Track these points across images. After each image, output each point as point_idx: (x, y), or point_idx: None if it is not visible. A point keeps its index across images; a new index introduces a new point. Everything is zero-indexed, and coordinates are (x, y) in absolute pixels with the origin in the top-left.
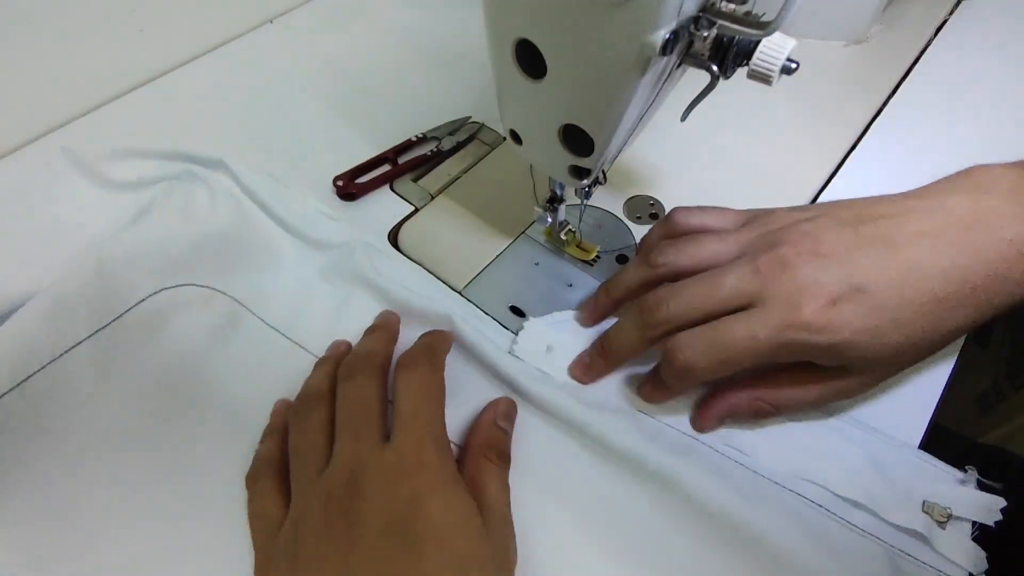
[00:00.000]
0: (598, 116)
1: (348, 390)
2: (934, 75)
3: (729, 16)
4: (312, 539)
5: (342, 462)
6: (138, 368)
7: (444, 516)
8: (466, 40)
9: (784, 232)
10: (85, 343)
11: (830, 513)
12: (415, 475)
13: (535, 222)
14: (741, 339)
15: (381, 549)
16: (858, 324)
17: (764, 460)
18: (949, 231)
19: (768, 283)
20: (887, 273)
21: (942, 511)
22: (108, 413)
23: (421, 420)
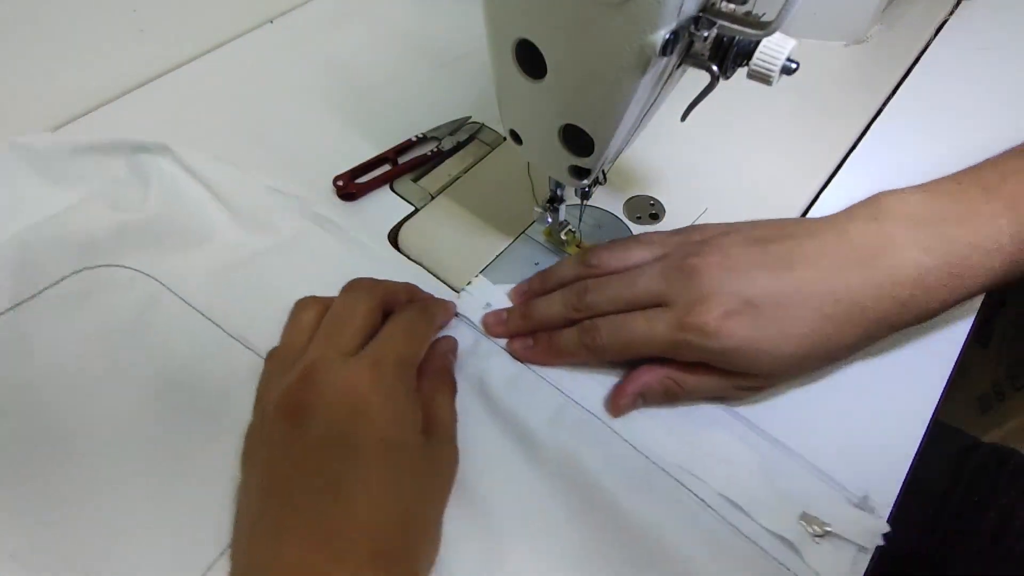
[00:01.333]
0: (598, 116)
1: (340, 300)
2: (934, 75)
3: (729, 16)
4: (268, 426)
5: (308, 359)
6: (59, 343)
7: (391, 427)
8: (466, 40)
9: (700, 245)
10: (5, 315)
11: (712, 510)
12: (367, 385)
13: (535, 222)
14: (641, 331)
15: (322, 448)
16: (746, 334)
17: (657, 449)
18: (844, 254)
19: (674, 287)
20: (780, 290)
21: (820, 524)
22: (27, 387)
23: (390, 344)
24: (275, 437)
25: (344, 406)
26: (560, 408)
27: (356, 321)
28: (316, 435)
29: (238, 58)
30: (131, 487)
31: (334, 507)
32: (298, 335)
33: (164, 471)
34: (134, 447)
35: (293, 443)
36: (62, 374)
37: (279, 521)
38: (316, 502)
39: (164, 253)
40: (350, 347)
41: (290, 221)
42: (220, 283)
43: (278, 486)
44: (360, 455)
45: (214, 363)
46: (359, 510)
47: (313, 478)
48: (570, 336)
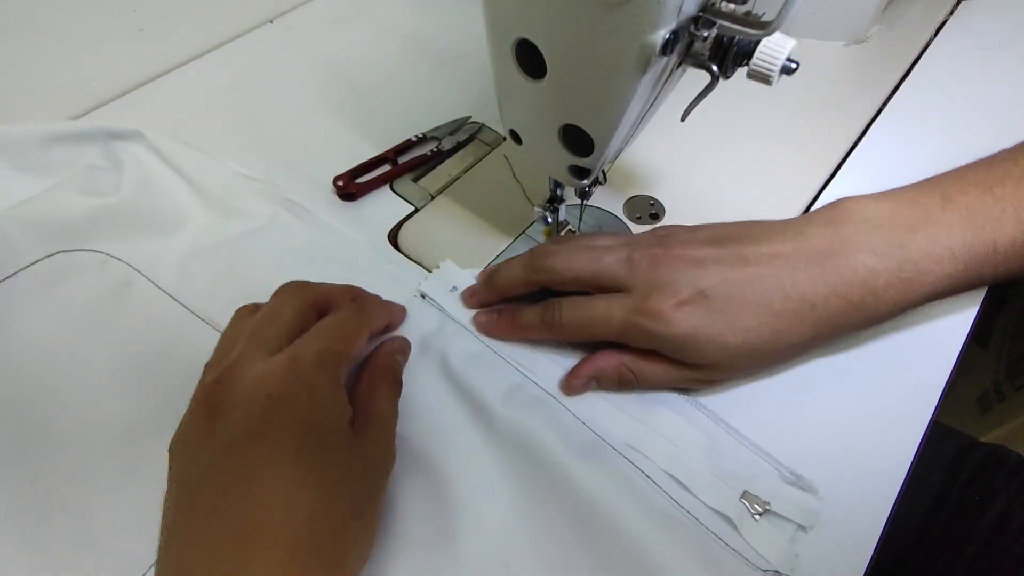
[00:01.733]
0: (598, 116)
1: (270, 302)
2: (934, 75)
3: (729, 16)
4: (187, 427)
5: (230, 358)
6: (31, 326)
7: (304, 421)
8: (466, 40)
9: (663, 238)
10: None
11: (654, 485)
12: (282, 378)
13: (535, 222)
14: (600, 313)
15: (234, 445)
16: (696, 323)
17: (605, 425)
18: (799, 255)
19: (634, 273)
20: (732, 284)
21: (761, 503)
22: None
23: (312, 339)
24: (190, 437)
25: (257, 401)
26: (516, 386)
27: (282, 321)
28: (229, 432)
29: (238, 58)
30: (102, 467)
31: (246, 506)
32: (228, 341)
33: (132, 453)
34: (103, 428)
35: (207, 442)
36: (33, 356)
37: (190, 523)
38: (228, 501)
39: (137, 238)
40: (274, 347)
41: (261, 207)
42: (191, 268)
43: (190, 487)
44: (273, 450)
45: (184, 346)
46: (273, 507)
47: (225, 476)
48: (531, 312)
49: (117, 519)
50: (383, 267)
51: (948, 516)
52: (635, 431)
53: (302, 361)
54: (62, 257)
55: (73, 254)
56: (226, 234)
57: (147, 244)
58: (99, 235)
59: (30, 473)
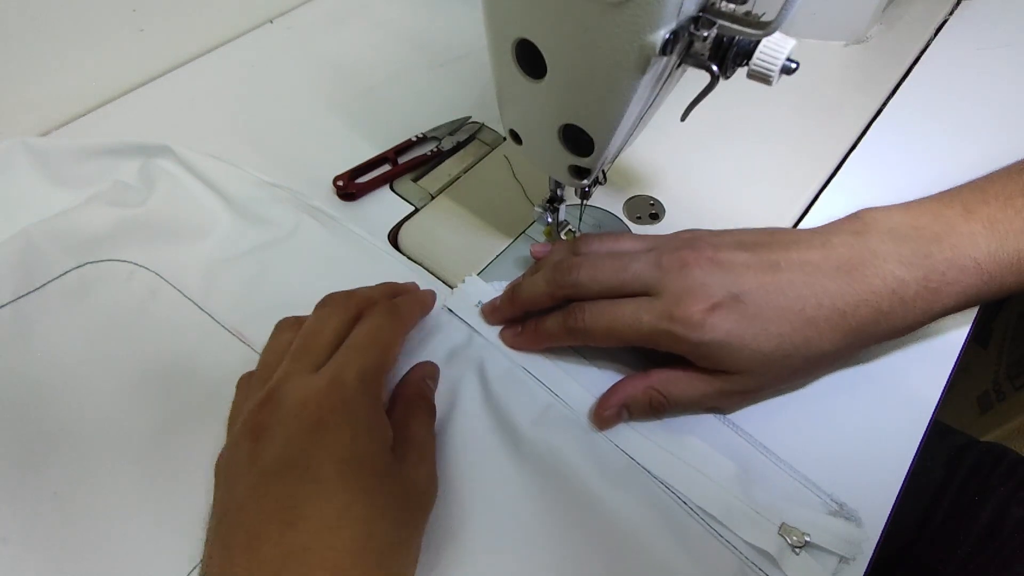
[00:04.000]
0: (598, 116)
1: (313, 316)
2: (934, 75)
3: (729, 16)
4: (232, 450)
5: (275, 378)
6: (60, 336)
7: (352, 447)
8: (466, 40)
9: (691, 241)
10: (7, 308)
11: (689, 510)
12: (325, 402)
13: (535, 222)
14: (628, 318)
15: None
16: (729, 327)
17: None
18: (828, 263)
19: (664, 277)
20: (766, 288)
21: (799, 535)
22: (27, 379)
23: (352, 355)
24: (236, 458)
25: (301, 426)
26: (546, 406)
27: (326, 336)
28: (273, 457)
29: (238, 58)
30: (126, 478)
31: (289, 534)
32: (272, 356)
33: (158, 462)
34: (130, 438)
35: (252, 465)
36: (62, 366)
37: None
38: (270, 528)
39: (163, 247)
40: (318, 364)
41: (286, 215)
42: (217, 276)
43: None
44: (317, 478)
45: (209, 356)
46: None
47: (268, 502)
48: (554, 320)
49: (143, 529)
50: (408, 276)
51: (945, 514)
52: (664, 462)
53: (344, 384)
54: (90, 268)
55: (100, 264)
56: (252, 242)
57: (173, 253)
58: (126, 245)
59: (55, 483)
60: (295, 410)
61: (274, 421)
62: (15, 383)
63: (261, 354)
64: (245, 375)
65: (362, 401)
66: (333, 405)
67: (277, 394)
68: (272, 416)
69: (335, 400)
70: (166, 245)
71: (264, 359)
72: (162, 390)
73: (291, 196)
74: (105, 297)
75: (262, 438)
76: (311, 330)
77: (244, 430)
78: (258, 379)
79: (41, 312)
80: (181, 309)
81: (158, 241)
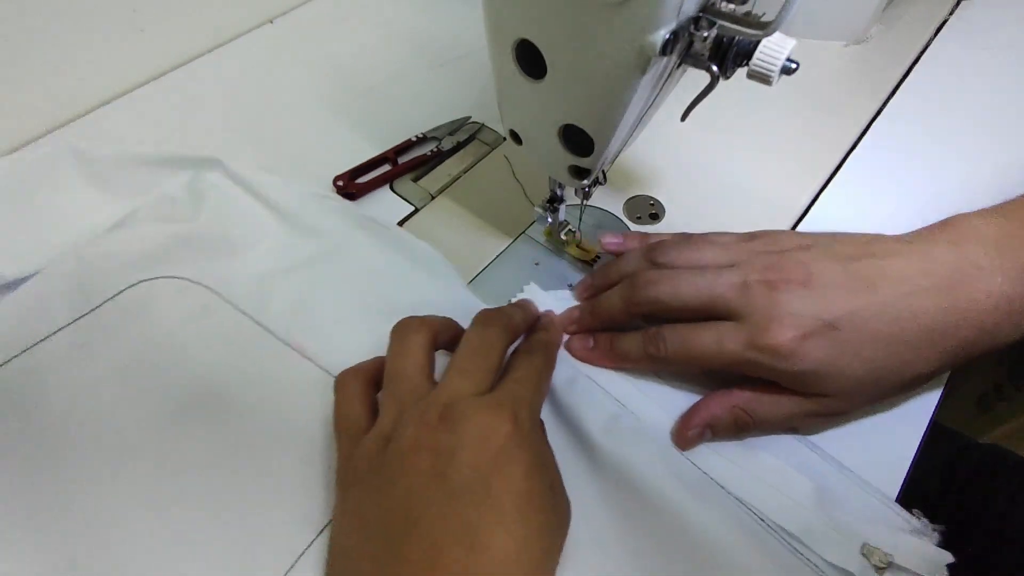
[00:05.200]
0: (598, 116)
1: (478, 334)
2: (934, 75)
3: (729, 16)
4: (399, 461)
5: (445, 393)
6: (118, 354)
7: (526, 481)
8: (466, 40)
9: (780, 257)
10: (65, 330)
11: (770, 529)
12: (508, 430)
13: (535, 222)
14: (710, 345)
15: (462, 493)
16: (822, 356)
17: (710, 468)
18: (929, 279)
19: (750, 301)
20: (860, 314)
21: (883, 556)
22: (89, 396)
23: (527, 390)
24: (409, 477)
25: (485, 454)
26: (614, 416)
27: (493, 360)
28: (458, 478)
29: (238, 58)
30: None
31: (473, 558)
32: (411, 363)
33: (219, 476)
34: (195, 453)
35: (435, 481)
36: (121, 384)
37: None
38: (455, 550)
39: (214, 261)
40: (485, 386)
41: (337, 226)
42: (270, 289)
43: (406, 522)
44: (498, 508)
45: (267, 369)
46: (498, 565)
47: (453, 523)
48: (633, 342)
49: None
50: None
51: (947, 517)
52: (740, 479)
53: (522, 417)
54: (144, 286)
55: (153, 282)
56: (303, 255)
57: (225, 268)
58: (178, 261)
59: (112, 509)
60: (478, 436)
61: (456, 443)
62: (75, 405)
63: (393, 353)
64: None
65: (535, 438)
66: (513, 439)
67: (454, 413)
68: (453, 436)
69: (515, 434)
70: (217, 259)
71: (400, 364)
72: (222, 404)
73: (341, 207)
74: (159, 314)
75: (446, 459)
76: (478, 350)
77: (421, 440)
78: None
79: (99, 332)
80: (236, 323)
81: (209, 256)
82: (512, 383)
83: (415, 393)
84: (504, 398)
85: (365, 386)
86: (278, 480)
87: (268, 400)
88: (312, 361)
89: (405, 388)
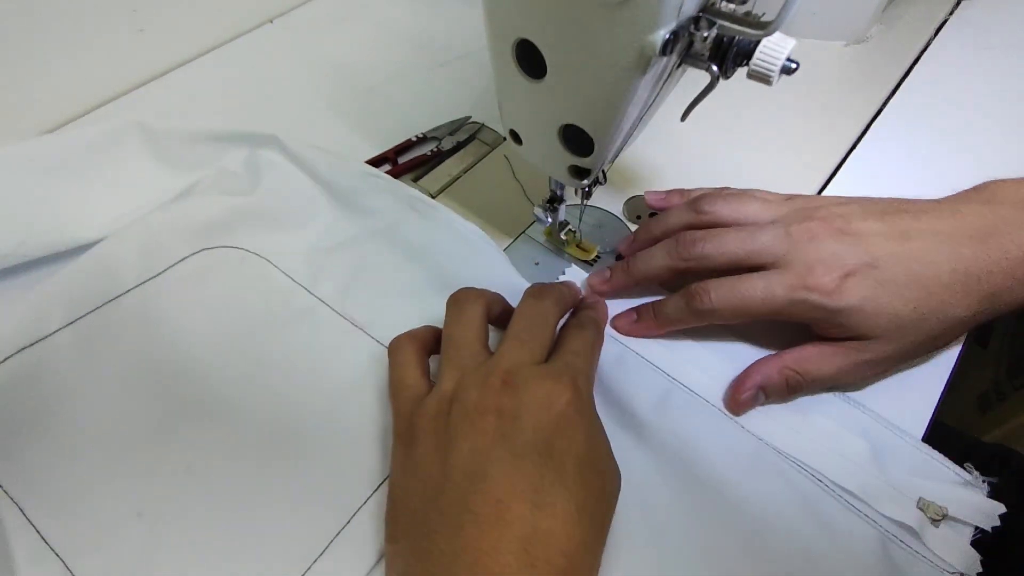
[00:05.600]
0: (598, 116)
1: (533, 306)
2: (934, 75)
3: (729, 16)
4: (464, 421)
5: (506, 359)
6: (181, 318)
7: (585, 446)
8: (466, 40)
9: (818, 210)
10: (131, 292)
11: (826, 487)
12: (568, 397)
13: (535, 222)
14: (760, 292)
15: (526, 453)
16: (865, 293)
17: (766, 434)
18: (961, 231)
19: (794, 248)
20: (899, 256)
21: (938, 509)
22: (155, 359)
23: (579, 360)
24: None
25: (548, 418)
26: (666, 392)
27: (548, 331)
28: (524, 439)
29: (238, 58)
30: (253, 451)
31: (538, 515)
32: (469, 330)
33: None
34: (255, 414)
35: (501, 440)
36: (185, 346)
37: (480, 516)
38: (521, 505)
39: (271, 234)
40: (541, 356)
41: (388, 205)
42: (324, 263)
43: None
44: (560, 469)
45: (323, 338)
46: (561, 523)
47: (520, 480)
48: (676, 303)
49: (275, 505)
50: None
51: None
52: (796, 442)
53: (580, 387)
54: (205, 254)
55: (215, 251)
56: (355, 231)
57: (280, 240)
58: (237, 232)
59: (187, 458)
60: (541, 401)
61: (519, 406)
62: (143, 363)
63: (450, 320)
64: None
65: (592, 407)
66: (573, 405)
67: (516, 379)
68: (515, 400)
69: (575, 400)
70: (273, 233)
71: (459, 331)
72: (280, 369)
73: (392, 186)
74: (220, 281)
75: (508, 418)
76: (534, 320)
77: (485, 403)
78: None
79: (163, 296)
80: (292, 293)
81: (265, 228)
82: (569, 354)
83: (475, 358)
84: (563, 368)
85: (419, 351)
86: (335, 440)
87: (323, 366)
88: (364, 332)
89: (465, 353)
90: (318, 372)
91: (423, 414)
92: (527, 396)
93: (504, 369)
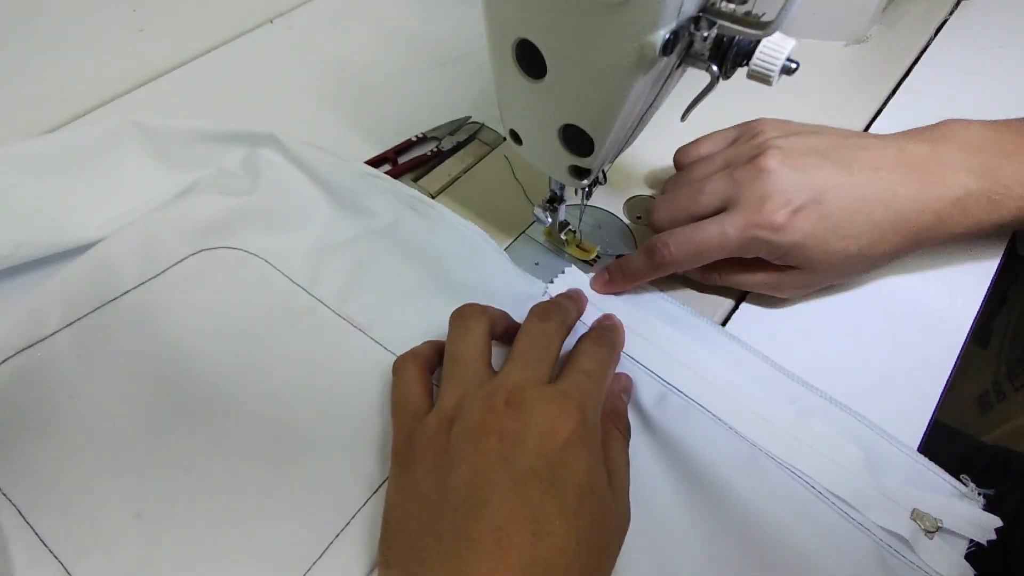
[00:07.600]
0: (598, 116)
1: (538, 326)
2: (934, 75)
3: (729, 16)
4: (465, 441)
5: (510, 379)
6: (181, 318)
7: (588, 475)
8: (466, 40)
9: (762, 146)
10: (131, 293)
11: (820, 494)
12: (573, 428)
13: (535, 222)
14: (714, 235)
15: (527, 479)
16: (809, 229)
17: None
18: (899, 169)
19: (742, 188)
20: (839, 191)
21: (932, 521)
22: (153, 358)
23: (589, 382)
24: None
25: (551, 443)
26: (661, 395)
27: (552, 352)
28: (526, 464)
29: (238, 58)
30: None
31: (537, 544)
32: (472, 347)
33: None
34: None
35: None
36: (185, 347)
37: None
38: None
39: (270, 235)
40: (545, 376)
41: (387, 206)
42: (322, 263)
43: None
44: (561, 497)
45: (322, 339)
46: (559, 553)
47: (520, 507)
48: (639, 259)
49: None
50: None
51: None
52: (791, 448)
53: (585, 412)
54: (205, 255)
55: (216, 251)
56: (355, 231)
57: (279, 241)
58: (236, 233)
59: (186, 459)
60: (545, 425)
61: (522, 428)
62: (142, 364)
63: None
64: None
65: (596, 434)
66: (578, 432)
67: (520, 400)
68: (518, 422)
69: (580, 427)
70: (272, 233)
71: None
72: (279, 370)
73: (392, 187)
74: (220, 282)
75: (513, 443)
76: (538, 339)
77: (488, 424)
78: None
79: (162, 297)
80: (292, 294)
81: (265, 229)
82: (580, 375)
83: (478, 376)
84: (571, 390)
85: (422, 370)
86: (334, 441)
87: (322, 367)
88: (364, 333)
89: (468, 371)
90: (317, 373)
91: (423, 433)
92: (531, 419)
93: (508, 389)
